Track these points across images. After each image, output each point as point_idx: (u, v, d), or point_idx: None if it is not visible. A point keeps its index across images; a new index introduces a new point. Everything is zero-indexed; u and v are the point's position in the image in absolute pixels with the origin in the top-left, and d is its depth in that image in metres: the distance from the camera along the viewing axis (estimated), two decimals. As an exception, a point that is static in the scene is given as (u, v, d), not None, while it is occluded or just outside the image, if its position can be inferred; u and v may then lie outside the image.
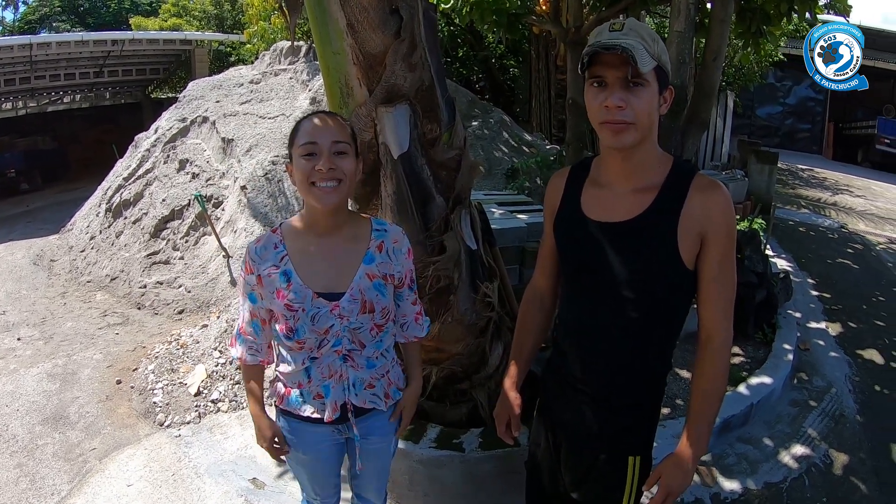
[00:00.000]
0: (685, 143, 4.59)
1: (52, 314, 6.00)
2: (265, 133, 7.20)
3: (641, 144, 1.41)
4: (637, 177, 1.46)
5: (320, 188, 1.54)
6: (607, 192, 1.51)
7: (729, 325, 1.48)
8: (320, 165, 1.52)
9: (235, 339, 1.78)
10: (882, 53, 14.69)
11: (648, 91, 1.35)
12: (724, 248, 1.42)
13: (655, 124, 1.42)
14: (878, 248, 7.60)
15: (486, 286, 2.64)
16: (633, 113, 1.35)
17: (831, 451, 3.32)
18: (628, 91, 1.34)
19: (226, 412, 3.84)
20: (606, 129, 1.39)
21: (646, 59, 1.31)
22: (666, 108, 1.43)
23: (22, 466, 3.36)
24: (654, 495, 1.50)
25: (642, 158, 1.45)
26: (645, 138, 1.41)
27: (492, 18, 5.72)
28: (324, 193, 1.55)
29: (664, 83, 1.39)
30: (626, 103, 1.34)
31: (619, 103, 1.34)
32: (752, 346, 4.28)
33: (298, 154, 1.55)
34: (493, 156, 7.60)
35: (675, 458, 1.49)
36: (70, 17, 26.76)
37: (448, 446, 2.65)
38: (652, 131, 1.42)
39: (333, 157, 1.54)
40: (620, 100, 1.34)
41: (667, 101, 1.42)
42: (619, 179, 1.49)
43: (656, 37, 1.38)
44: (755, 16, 4.97)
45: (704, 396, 1.49)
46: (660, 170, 1.46)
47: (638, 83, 1.34)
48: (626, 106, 1.34)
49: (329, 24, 2.16)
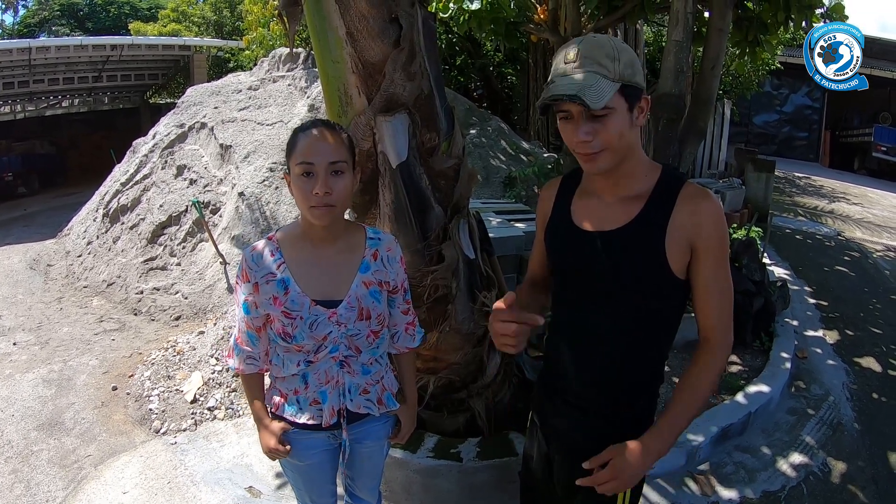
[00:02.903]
0: (683, 151, 4.60)
1: (49, 319, 5.98)
2: (263, 140, 7.20)
3: (623, 160, 1.41)
4: (624, 187, 1.46)
5: (318, 210, 1.56)
6: (596, 201, 1.52)
7: (728, 332, 1.47)
8: (317, 189, 1.52)
9: (232, 350, 1.78)
10: (878, 61, 14.78)
11: (615, 116, 1.33)
12: (717, 257, 1.41)
13: (634, 139, 1.41)
14: (874, 256, 7.62)
15: (483, 295, 2.64)
16: (602, 141, 1.35)
17: (829, 460, 3.32)
18: (594, 122, 1.34)
19: (222, 420, 3.83)
20: (580, 158, 1.41)
21: (602, 90, 1.29)
22: (643, 119, 1.41)
23: (17, 472, 3.35)
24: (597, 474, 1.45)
25: (627, 170, 1.45)
26: (624, 156, 1.40)
27: (490, 27, 5.74)
28: (320, 213, 1.56)
29: (635, 97, 1.36)
30: (594, 134, 1.34)
31: (585, 138, 1.35)
32: (750, 354, 4.28)
33: (296, 172, 1.56)
34: (491, 164, 7.61)
35: (632, 443, 1.43)
36: (69, 22, 26.77)
37: (445, 456, 2.65)
38: (631, 147, 1.41)
39: (330, 178, 1.54)
40: (586, 134, 1.34)
41: (643, 111, 1.40)
42: (607, 190, 1.49)
43: (619, 52, 1.34)
44: (752, 25, 5.01)
45: (687, 394, 1.46)
46: (648, 179, 1.46)
47: (601, 114, 1.32)
48: (593, 137, 1.34)
49: (328, 33, 2.16)
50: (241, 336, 1.74)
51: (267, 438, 1.77)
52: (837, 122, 17.63)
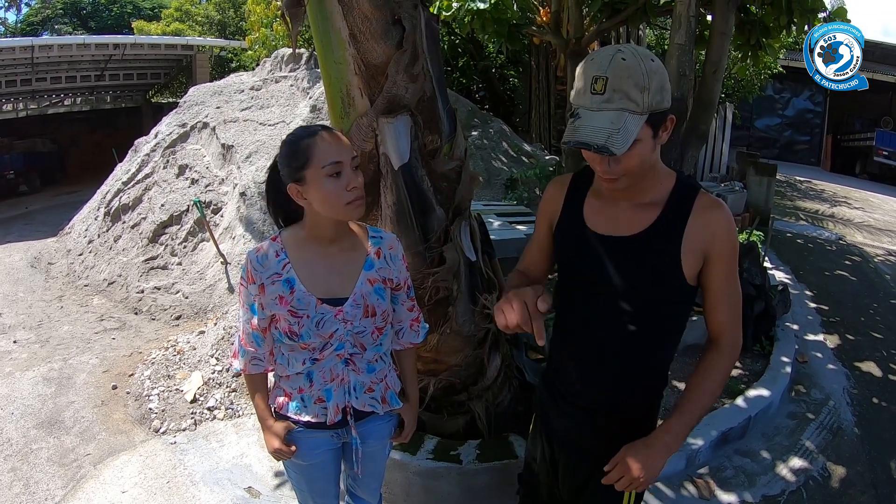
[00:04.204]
0: (685, 154, 4.59)
1: (49, 317, 5.98)
2: (265, 140, 7.21)
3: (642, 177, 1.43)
4: (639, 194, 1.47)
5: (355, 203, 1.57)
6: (610, 204, 1.52)
7: (737, 332, 1.49)
8: (353, 184, 1.55)
9: (237, 351, 1.78)
10: (881, 65, 14.78)
11: (639, 146, 1.32)
12: (729, 264, 1.44)
13: (655, 158, 1.43)
14: (875, 260, 7.61)
15: (484, 298, 2.64)
16: (623, 169, 1.36)
17: (829, 464, 3.32)
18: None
19: (222, 420, 3.83)
20: (601, 180, 1.44)
21: (629, 133, 1.28)
22: (667, 136, 1.40)
23: (16, 470, 3.35)
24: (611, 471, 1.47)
25: (643, 178, 1.45)
26: (645, 174, 1.42)
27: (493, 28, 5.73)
28: (358, 205, 1.58)
29: (662, 120, 1.35)
30: (615, 171, 1.36)
31: (609, 175, 1.38)
32: (750, 358, 4.28)
33: (324, 174, 1.53)
34: (493, 166, 7.62)
35: (644, 440, 1.46)
36: (72, 20, 26.84)
37: (445, 458, 2.64)
38: (653, 165, 1.43)
39: (355, 172, 1.58)
40: (609, 165, 1.36)
41: (668, 129, 1.38)
42: (621, 195, 1.49)
43: (650, 79, 1.28)
44: (755, 28, 5.00)
45: (698, 391, 1.48)
46: (663, 186, 1.47)
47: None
48: (616, 170, 1.36)
49: (331, 34, 2.16)
50: (246, 337, 1.74)
51: (271, 439, 1.76)
52: (839, 126, 17.62)
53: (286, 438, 1.76)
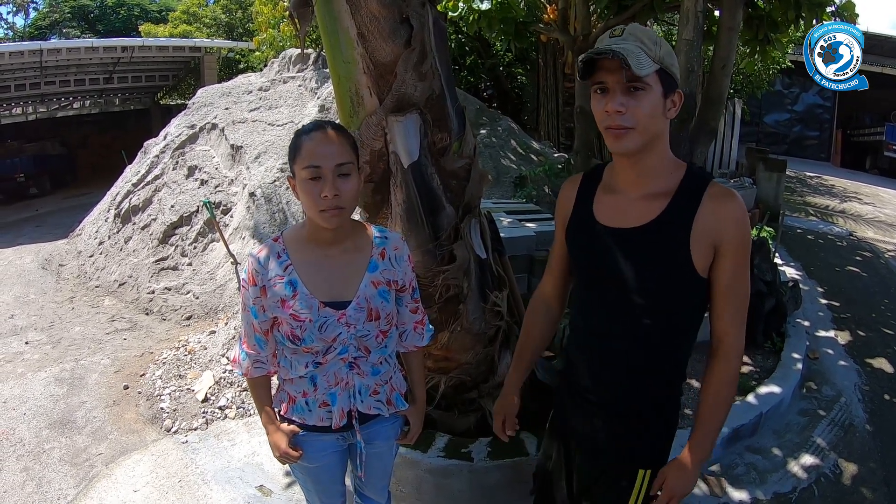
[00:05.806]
0: (694, 151, 4.58)
1: (60, 318, 6.03)
2: (274, 140, 7.24)
3: (649, 150, 1.41)
4: (648, 182, 1.46)
5: (330, 213, 1.53)
6: (620, 197, 1.51)
7: (740, 334, 1.47)
8: (326, 192, 1.50)
9: (239, 354, 1.76)
10: (890, 60, 14.66)
11: (649, 95, 1.35)
12: (739, 258, 1.41)
13: (663, 129, 1.42)
14: (886, 256, 7.55)
15: (495, 295, 2.64)
16: (633, 118, 1.35)
17: (841, 461, 3.30)
18: (629, 96, 1.34)
19: (233, 419, 3.85)
20: (609, 134, 1.40)
21: (643, 62, 1.31)
22: (675, 113, 1.41)
23: (28, 470, 3.38)
24: (658, 498, 1.52)
25: (652, 164, 1.44)
26: (651, 143, 1.40)
27: (500, 27, 5.73)
28: (330, 216, 1.54)
29: (671, 87, 1.38)
30: (626, 108, 1.34)
31: (619, 108, 1.35)
32: (762, 355, 4.25)
33: (302, 176, 1.52)
34: (501, 164, 7.61)
35: (678, 462, 1.51)
36: (80, 24, 26.95)
37: (456, 455, 2.64)
38: (659, 136, 1.42)
39: (337, 181, 1.52)
40: (620, 104, 1.34)
41: (675, 105, 1.40)
42: (631, 185, 1.49)
43: (660, 41, 1.37)
44: (762, 23, 4.98)
45: (711, 403, 1.49)
46: (673, 176, 1.45)
47: (638, 87, 1.34)
48: (626, 110, 1.35)
49: (339, 33, 2.17)
50: (248, 340, 1.73)
51: (277, 444, 1.76)
52: (849, 121, 17.47)
53: (291, 442, 1.76)
